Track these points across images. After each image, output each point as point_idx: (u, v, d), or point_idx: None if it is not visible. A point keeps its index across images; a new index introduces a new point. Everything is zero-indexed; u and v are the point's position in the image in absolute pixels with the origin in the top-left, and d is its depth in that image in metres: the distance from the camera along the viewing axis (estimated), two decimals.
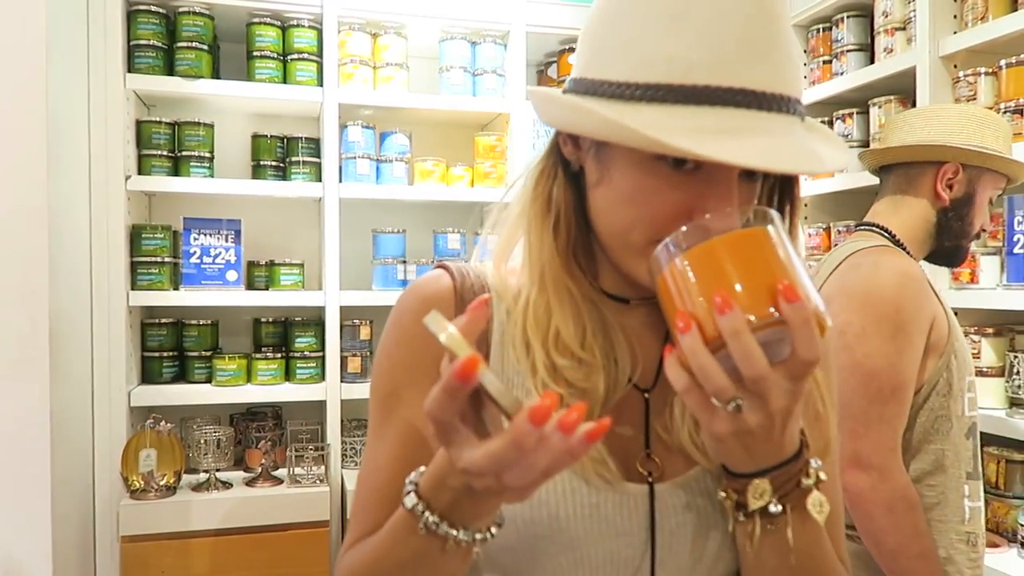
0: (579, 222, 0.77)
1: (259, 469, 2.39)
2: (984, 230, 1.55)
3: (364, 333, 2.53)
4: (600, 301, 0.79)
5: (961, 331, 1.46)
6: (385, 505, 0.74)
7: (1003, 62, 1.95)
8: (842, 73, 2.50)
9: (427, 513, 0.64)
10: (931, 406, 1.38)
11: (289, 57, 2.47)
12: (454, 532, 0.64)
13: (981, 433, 1.85)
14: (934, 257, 1.57)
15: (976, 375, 1.65)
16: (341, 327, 2.47)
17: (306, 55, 2.47)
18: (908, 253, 1.50)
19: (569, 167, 0.76)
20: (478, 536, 0.65)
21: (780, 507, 0.66)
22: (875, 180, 1.66)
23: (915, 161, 1.52)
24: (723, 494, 0.69)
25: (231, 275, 2.42)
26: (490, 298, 0.69)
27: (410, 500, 0.65)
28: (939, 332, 1.40)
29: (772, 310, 0.56)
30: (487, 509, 0.64)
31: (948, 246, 1.53)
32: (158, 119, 2.41)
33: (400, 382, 0.79)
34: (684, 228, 0.61)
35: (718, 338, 0.57)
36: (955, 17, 2.09)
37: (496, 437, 0.55)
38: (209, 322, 2.51)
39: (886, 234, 1.52)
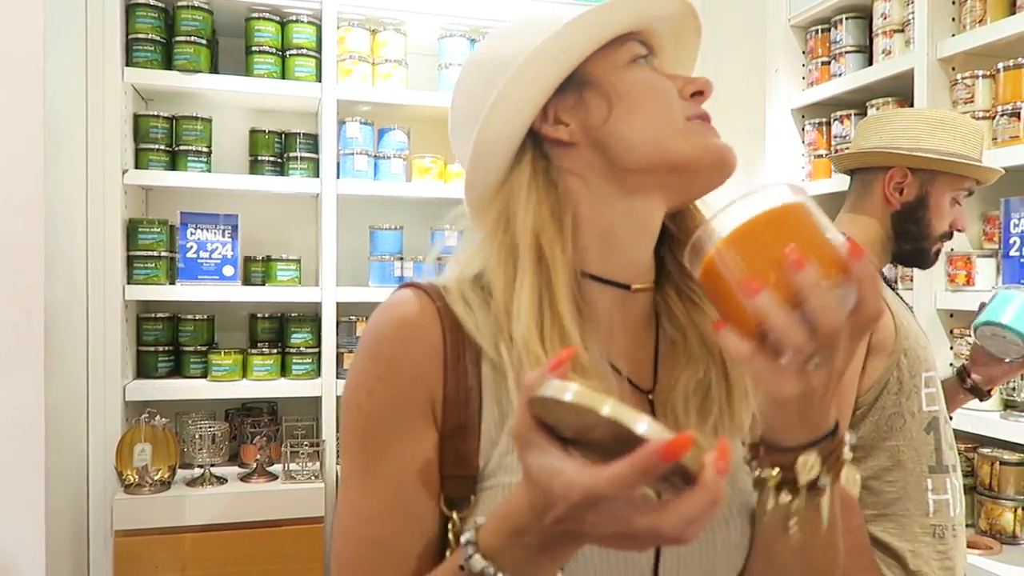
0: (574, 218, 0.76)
1: (254, 465, 2.39)
2: (959, 229, 1.55)
3: (360, 330, 2.53)
4: (600, 293, 0.77)
5: (916, 330, 1.48)
6: (390, 559, 0.70)
7: (1001, 65, 1.96)
8: (840, 74, 2.50)
9: (500, 574, 0.60)
10: (883, 404, 1.43)
11: (288, 52, 2.47)
12: None
13: (975, 435, 1.86)
14: (901, 260, 1.58)
15: None
16: (337, 323, 2.47)
17: (305, 51, 2.46)
18: None
19: (547, 168, 0.76)
20: None
21: (827, 480, 0.65)
22: None
23: (868, 167, 1.56)
24: (768, 472, 0.66)
25: (227, 270, 2.42)
26: (575, 350, 0.65)
27: (477, 562, 0.60)
28: (883, 333, 1.43)
29: (835, 271, 0.57)
30: (559, 563, 0.61)
31: (908, 249, 1.54)
32: (156, 113, 2.41)
33: (387, 422, 0.71)
34: (720, 213, 0.63)
35: (793, 296, 0.57)
36: (953, 20, 2.10)
37: (686, 497, 0.51)
38: (205, 317, 2.51)
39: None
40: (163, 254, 2.37)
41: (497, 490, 0.70)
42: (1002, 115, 1.93)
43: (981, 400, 1.68)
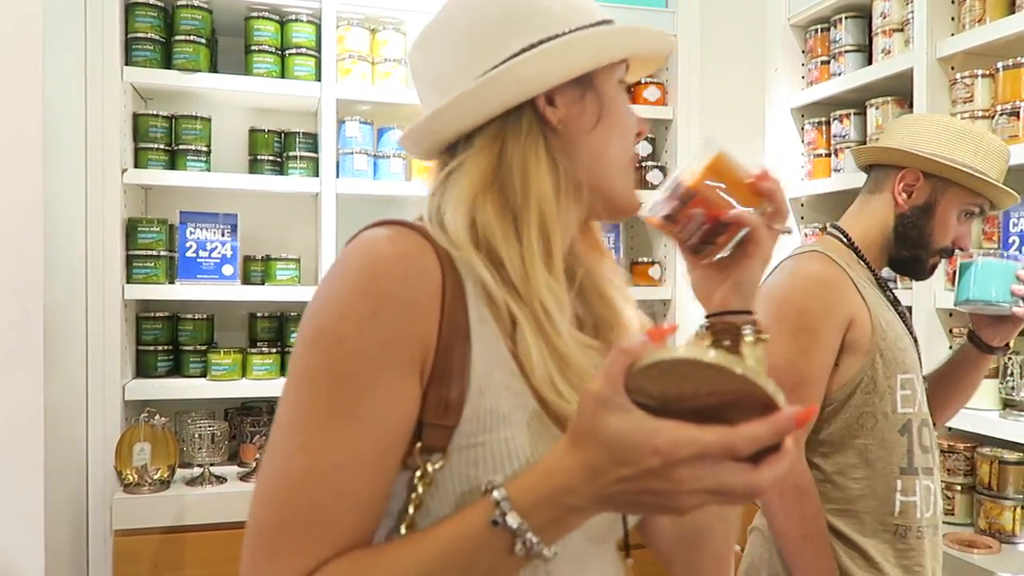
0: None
1: (253, 464, 2.39)
2: (961, 248, 1.53)
3: None
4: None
5: (898, 332, 1.48)
6: (354, 514, 0.66)
7: (1000, 64, 1.96)
8: (840, 74, 2.50)
9: (530, 534, 0.62)
10: (855, 403, 1.44)
11: (287, 52, 2.46)
12: (546, 551, 0.63)
13: (975, 434, 1.86)
14: (896, 266, 1.58)
15: None
16: None
17: (304, 50, 2.46)
18: (862, 258, 1.54)
19: (549, 141, 0.79)
20: (554, 552, 0.64)
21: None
22: None
23: (884, 164, 1.56)
24: (714, 334, 0.81)
25: (227, 269, 2.42)
26: (676, 327, 0.67)
27: (513, 519, 0.62)
28: (859, 332, 1.44)
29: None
30: (582, 524, 0.64)
31: (906, 255, 1.54)
32: (155, 112, 2.41)
33: (375, 363, 0.67)
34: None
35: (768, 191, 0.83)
36: (953, 19, 2.10)
37: (777, 457, 0.58)
38: (204, 316, 2.51)
39: (844, 238, 1.56)
40: (162, 253, 2.37)
41: (487, 447, 0.69)
42: (1001, 114, 1.93)
43: (1004, 355, 1.73)
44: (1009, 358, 1.94)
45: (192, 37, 2.36)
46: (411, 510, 0.69)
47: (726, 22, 2.90)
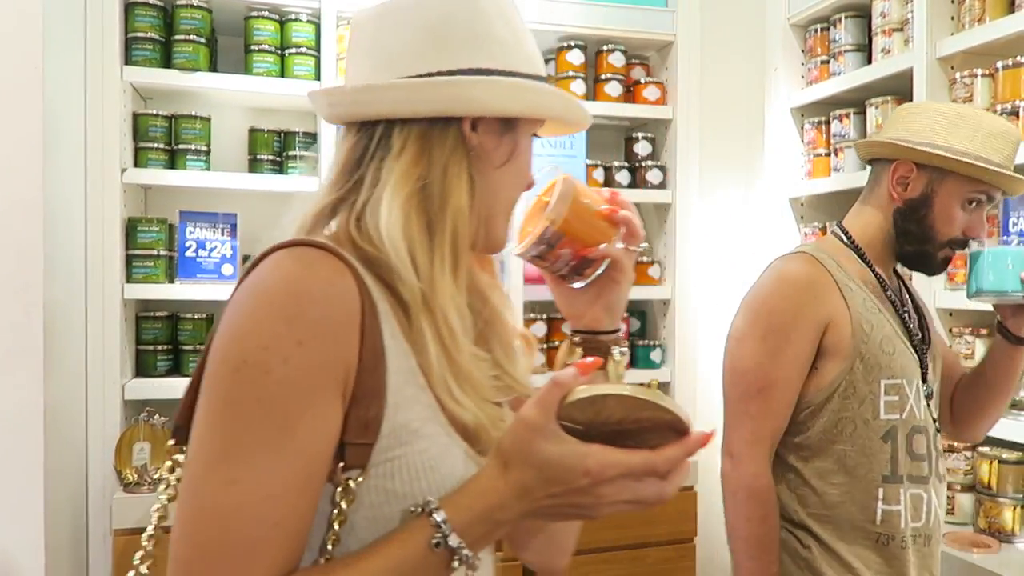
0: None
1: None
2: (974, 237, 1.47)
3: None
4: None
5: (886, 336, 1.43)
6: (290, 543, 0.67)
7: (1000, 64, 1.96)
8: (839, 73, 2.51)
9: (466, 550, 0.69)
10: (833, 407, 1.41)
11: (287, 51, 2.46)
12: (477, 561, 0.70)
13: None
14: (905, 261, 1.53)
15: None
16: None
17: (304, 49, 2.46)
18: (862, 256, 1.49)
19: (471, 160, 0.81)
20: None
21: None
22: None
23: (880, 158, 1.52)
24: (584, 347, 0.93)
25: (227, 269, 2.42)
26: (600, 361, 0.75)
27: (454, 540, 0.68)
28: (837, 336, 1.41)
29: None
30: (503, 534, 0.72)
31: (910, 251, 1.48)
32: (155, 112, 2.41)
33: (303, 391, 0.67)
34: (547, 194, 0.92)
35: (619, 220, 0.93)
36: (952, 19, 2.10)
37: (680, 470, 0.69)
38: (204, 316, 2.50)
39: (844, 237, 1.53)
40: (162, 253, 2.37)
41: (403, 460, 0.72)
42: (1001, 114, 1.93)
43: None
44: None
45: (192, 36, 2.36)
46: (336, 526, 0.70)
47: (726, 21, 2.90)
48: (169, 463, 0.80)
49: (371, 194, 0.78)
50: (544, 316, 2.66)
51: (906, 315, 1.50)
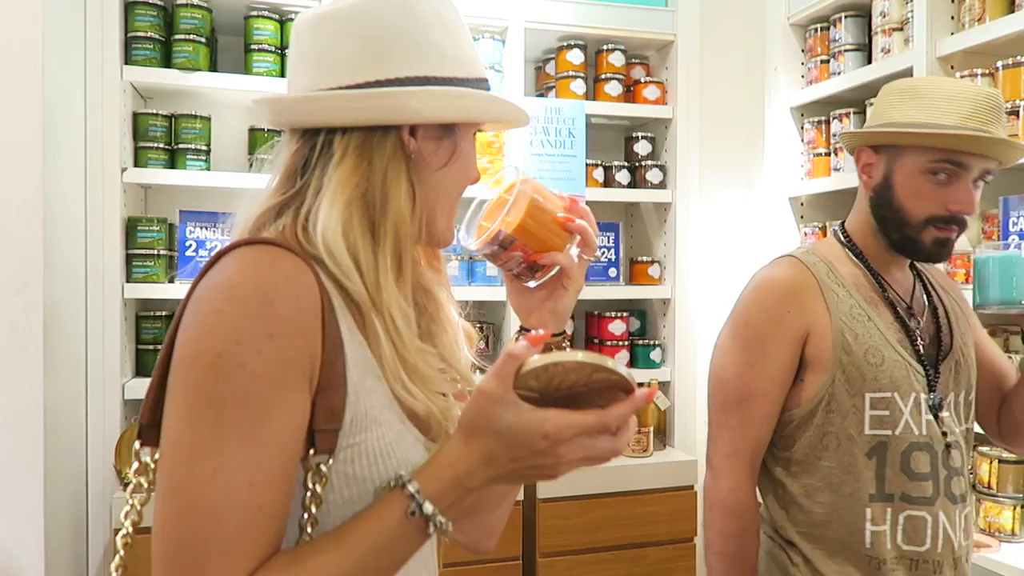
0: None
1: None
2: (960, 211, 1.33)
3: None
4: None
5: (872, 346, 1.34)
6: (273, 526, 0.71)
7: (1000, 63, 1.96)
8: (840, 73, 2.51)
9: (440, 517, 0.74)
10: (817, 422, 1.35)
11: (287, 51, 2.45)
12: (451, 527, 0.75)
13: (975, 434, 1.85)
14: (903, 252, 1.41)
15: None
16: None
17: None
18: (860, 256, 1.43)
19: (410, 165, 0.85)
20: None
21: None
22: None
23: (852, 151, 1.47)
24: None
25: None
26: (550, 332, 0.92)
27: (429, 507, 0.74)
28: (818, 346, 1.35)
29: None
30: (472, 500, 0.77)
31: (896, 239, 1.38)
32: (155, 111, 2.41)
33: (275, 382, 0.71)
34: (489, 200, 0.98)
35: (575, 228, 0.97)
36: (952, 18, 2.10)
37: (630, 425, 0.75)
38: None
39: (843, 236, 1.47)
40: (162, 252, 2.37)
41: (363, 446, 0.77)
42: None
43: None
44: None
45: (192, 36, 2.36)
46: (313, 508, 0.75)
47: (726, 21, 2.90)
48: (136, 464, 0.82)
49: (314, 201, 0.81)
50: None
51: (913, 320, 1.40)
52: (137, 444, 0.81)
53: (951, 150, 1.30)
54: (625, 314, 2.76)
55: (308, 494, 0.75)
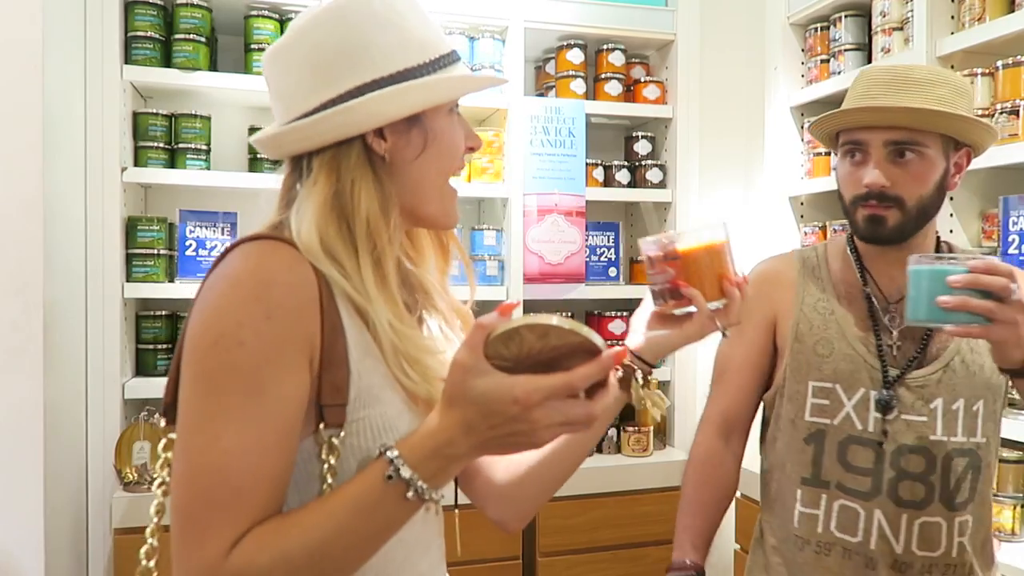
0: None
1: None
2: (869, 187, 1.31)
3: None
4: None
5: (827, 336, 1.37)
6: (275, 488, 0.79)
7: (1000, 63, 1.96)
8: (839, 72, 2.50)
9: (420, 482, 0.77)
10: (776, 405, 1.45)
11: None
12: (434, 495, 0.79)
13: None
14: (859, 237, 1.40)
15: None
16: None
17: None
18: (853, 248, 1.43)
19: (377, 168, 0.90)
20: (442, 495, 0.82)
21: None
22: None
23: None
24: (640, 375, 1.04)
25: None
26: (519, 303, 0.92)
27: (406, 471, 0.77)
28: (782, 335, 1.44)
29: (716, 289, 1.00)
30: (458, 471, 0.80)
31: (848, 224, 1.40)
32: (155, 111, 2.41)
33: (272, 358, 0.78)
34: (667, 235, 1.00)
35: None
36: (952, 18, 2.10)
37: (603, 392, 0.78)
38: None
39: (848, 235, 1.50)
40: (162, 252, 2.37)
41: (367, 421, 0.84)
42: (1001, 113, 1.93)
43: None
44: None
45: (192, 36, 2.36)
46: (329, 479, 0.82)
47: (726, 21, 2.90)
48: (164, 440, 0.89)
49: (296, 215, 0.89)
50: None
51: (891, 318, 1.38)
52: (163, 422, 0.89)
53: (848, 130, 1.35)
54: (625, 314, 2.76)
55: (324, 466, 0.82)
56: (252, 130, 2.55)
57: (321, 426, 0.82)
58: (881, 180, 1.30)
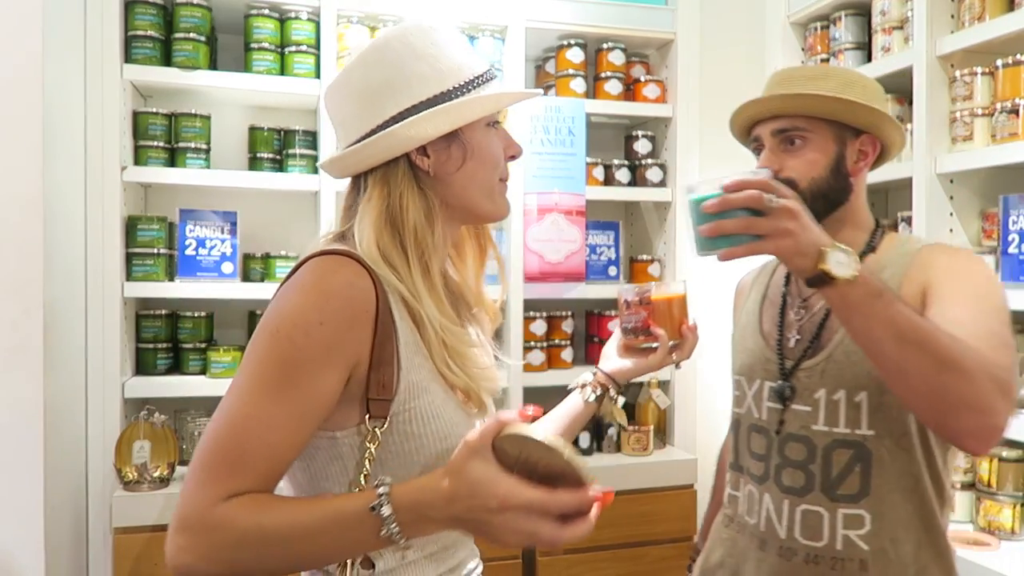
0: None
1: None
2: (778, 176, 1.31)
3: None
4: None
5: (748, 332, 1.47)
6: (276, 463, 0.90)
7: (1000, 62, 1.96)
8: None
9: (394, 525, 0.84)
10: None
11: (287, 49, 2.46)
12: (404, 542, 0.85)
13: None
14: None
15: None
16: None
17: (304, 47, 2.46)
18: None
19: (419, 182, 1.04)
20: (410, 544, 0.91)
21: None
22: (873, 180, 1.66)
23: None
24: (616, 396, 1.42)
25: (227, 267, 2.42)
26: (541, 410, 1.12)
27: (387, 510, 0.84)
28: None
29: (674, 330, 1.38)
30: (433, 532, 0.91)
31: None
32: (155, 110, 2.41)
33: (315, 358, 0.91)
34: (649, 286, 1.34)
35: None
36: (952, 17, 2.10)
37: (579, 522, 0.83)
38: (204, 314, 2.51)
39: None
40: (162, 251, 2.37)
41: (416, 411, 0.97)
42: (1001, 112, 1.93)
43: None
44: None
45: (192, 35, 2.36)
46: (368, 464, 0.95)
47: (726, 19, 2.90)
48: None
49: (358, 226, 1.02)
50: (543, 314, 2.66)
51: (804, 313, 1.39)
52: None
53: (745, 128, 1.48)
54: None
55: (366, 453, 0.94)
56: (252, 129, 2.55)
57: (367, 417, 0.94)
58: (769, 164, 1.40)
